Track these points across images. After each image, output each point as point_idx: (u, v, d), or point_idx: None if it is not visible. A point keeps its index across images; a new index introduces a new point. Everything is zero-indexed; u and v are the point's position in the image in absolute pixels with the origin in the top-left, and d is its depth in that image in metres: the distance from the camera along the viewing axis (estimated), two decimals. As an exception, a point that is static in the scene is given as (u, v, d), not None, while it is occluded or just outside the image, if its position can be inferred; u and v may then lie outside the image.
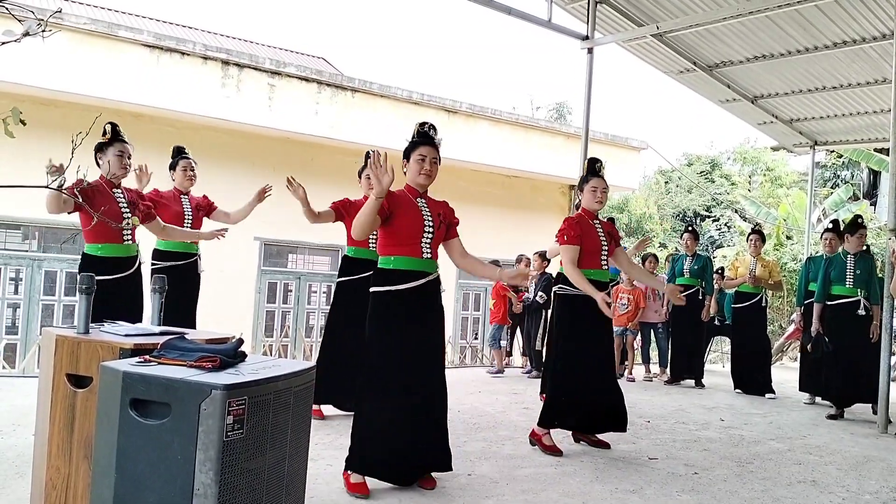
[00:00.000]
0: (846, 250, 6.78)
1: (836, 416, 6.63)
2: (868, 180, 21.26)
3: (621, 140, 14.15)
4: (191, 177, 5.47)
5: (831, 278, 6.78)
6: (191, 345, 2.51)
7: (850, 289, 6.64)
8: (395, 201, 3.63)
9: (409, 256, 3.63)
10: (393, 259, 3.64)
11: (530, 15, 8.49)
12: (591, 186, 4.77)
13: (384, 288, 3.62)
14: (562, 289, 4.78)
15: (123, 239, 4.35)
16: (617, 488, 3.93)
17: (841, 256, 6.80)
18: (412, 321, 3.62)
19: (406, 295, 3.61)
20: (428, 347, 3.70)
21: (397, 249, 3.64)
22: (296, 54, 18.83)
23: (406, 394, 3.59)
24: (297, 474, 2.55)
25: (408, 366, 3.60)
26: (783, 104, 10.61)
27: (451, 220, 3.87)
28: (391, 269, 3.64)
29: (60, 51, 8.87)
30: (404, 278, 3.61)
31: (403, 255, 3.63)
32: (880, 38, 8.05)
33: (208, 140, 10.43)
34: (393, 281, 3.61)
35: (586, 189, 4.80)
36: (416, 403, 3.62)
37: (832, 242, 7.27)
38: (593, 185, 4.77)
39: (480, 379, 8.07)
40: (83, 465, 2.64)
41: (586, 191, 4.80)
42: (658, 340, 9.08)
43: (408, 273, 3.61)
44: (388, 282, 3.62)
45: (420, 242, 3.65)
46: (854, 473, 4.57)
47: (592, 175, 4.80)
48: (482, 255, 4.39)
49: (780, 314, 14.41)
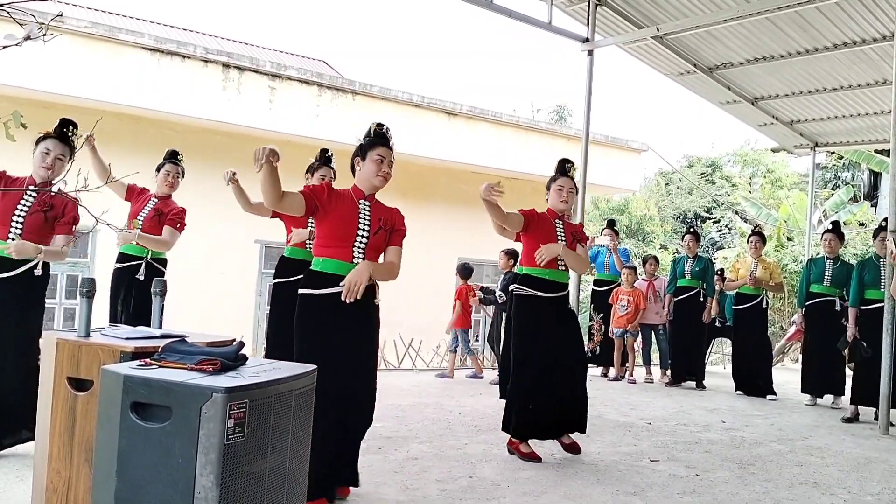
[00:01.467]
0: (878, 254, 6.67)
1: (852, 419, 6.60)
2: (869, 181, 21.24)
3: (622, 142, 14.14)
4: (171, 183, 5.28)
5: (865, 282, 6.66)
6: (192, 348, 2.51)
7: (883, 292, 6.41)
8: (334, 199, 3.48)
9: (337, 260, 3.44)
10: (322, 261, 3.47)
11: (531, 17, 8.50)
12: (557, 185, 4.68)
13: (308, 291, 3.46)
14: (518, 289, 4.59)
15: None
16: (618, 490, 3.93)
17: (874, 260, 6.72)
18: (332, 327, 3.40)
19: (327, 300, 3.40)
20: (350, 355, 3.43)
21: (326, 251, 3.48)
22: (296, 57, 18.83)
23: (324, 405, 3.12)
24: (299, 477, 2.55)
25: (326, 374, 3.07)
26: (783, 106, 10.61)
27: (397, 226, 3.65)
28: (318, 272, 3.47)
29: (61, 54, 8.87)
30: (328, 282, 3.41)
31: (331, 258, 3.45)
32: (881, 40, 8.06)
33: (209, 143, 10.43)
34: (317, 284, 3.44)
35: (553, 188, 4.71)
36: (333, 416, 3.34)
37: (832, 243, 7.30)
38: (559, 185, 4.68)
39: (481, 382, 8.07)
40: (84, 468, 2.64)
41: (553, 190, 4.71)
42: (659, 342, 9.07)
43: (332, 277, 3.40)
44: (312, 284, 3.46)
45: (352, 246, 3.45)
46: (855, 475, 4.57)
47: (561, 174, 4.72)
48: (485, 257, 4.42)
49: (781, 316, 14.39)
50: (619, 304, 8.64)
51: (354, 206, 3.53)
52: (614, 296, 8.69)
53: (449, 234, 12.32)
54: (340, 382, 3.35)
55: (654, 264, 9.26)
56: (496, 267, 13.74)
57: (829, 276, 7.28)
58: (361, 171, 3.58)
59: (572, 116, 30.72)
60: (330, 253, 3.46)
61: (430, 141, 11.51)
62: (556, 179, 4.73)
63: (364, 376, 3.54)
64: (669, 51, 9.21)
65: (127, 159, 4.57)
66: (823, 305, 7.29)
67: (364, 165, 3.57)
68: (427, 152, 11.44)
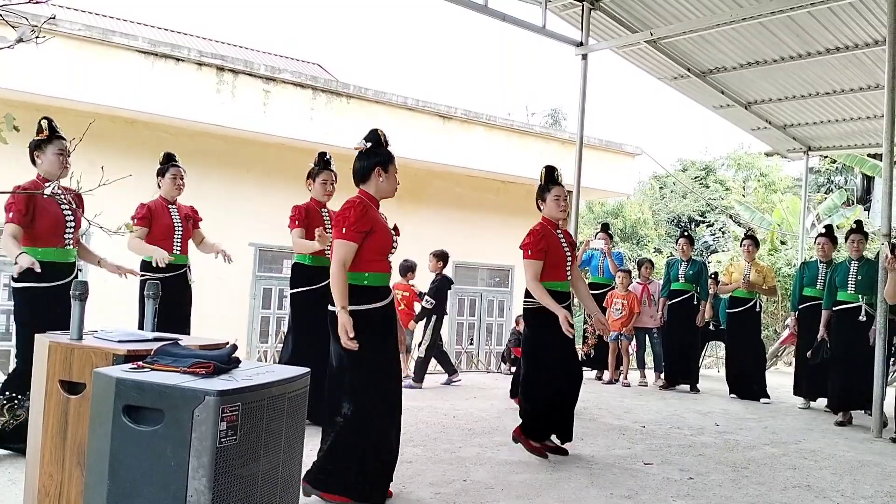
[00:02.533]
0: (850, 257, 6.82)
1: (845, 423, 6.62)
2: (862, 185, 21.35)
3: (616, 146, 14.18)
4: (179, 185, 5.24)
5: (836, 284, 6.81)
6: (184, 351, 2.50)
7: (852, 294, 6.62)
8: (370, 219, 3.52)
9: (384, 273, 3.63)
10: (370, 276, 3.55)
11: (525, 21, 8.53)
12: (553, 195, 4.69)
13: (364, 307, 3.52)
14: (528, 303, 4.67)
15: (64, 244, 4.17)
16: (612, 494, 3.93)
17: (846, 263, 6.82)
18: (387, 338, 3.62)
19: (381, 312, 3.58)
20: (398, 363, 3.70)
21: (373, 265, 3.57)
22: (291, 60, 18.84)
23: (392, 412, 3.69)
24: (292, 481, 2.54)
25: (394, 380, 3.68)
26: (777, 110, 10.65)
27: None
28: (369, 287, 3.56)
29: (55, 57, 8.86)
30: (381, 295, 3.62)
31: (379, 272, 3.60)
32: (873, 45, 8.10)
33: (203, 146, 10.42)
34: (371, 299, 3.56)
35: (549, 198, 4.71)
36: None
37: (825, 247, 7.35)
38: (556, 194, 4.69)
39: (476, 384, 8.06)
40: (76, 471, 2.63)
41: (549, 200, 4.71)
42: (653, 346, 9.08)
43: (383, 290, 3.64)
44: (367, 299, 3.55)
45: (388, 255, 3.66)
46: (849, 478, 4.58)
47: (553, 183, 4.72)
48: (478, 260, 4.42)
49: (775, 319, 14.43)
50: (614, 307, 8.65)
51: (381, 218, 3.66)
52: (609, 299, 8.70)
53: (443, 237, 12.31)
54: (399, 388, 3.67)
55: (649, 268, 9.28)
56: (490, 270, 13.78)
57: (823, 280, 7.31)
58: (383, 182, 3.65)
59: (567, 120, 30.83)
60: (377, 267, 3.57)
61: (424, 144, 11.52)
62: (551, 189, 4.73)
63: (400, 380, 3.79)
64: (663, 55, 9.24)
65: (121, 162, 4.58)
66: (816, 309, 7.31)
67: (387, 178, 3.65)
68: (421, 156, 11.45)
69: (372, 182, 3.64)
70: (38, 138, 4.12)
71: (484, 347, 13.66)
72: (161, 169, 5.27)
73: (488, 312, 13.86)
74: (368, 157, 3.64)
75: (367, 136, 3.68)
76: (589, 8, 8.66)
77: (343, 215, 3.50)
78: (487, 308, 13.84)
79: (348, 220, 3.47)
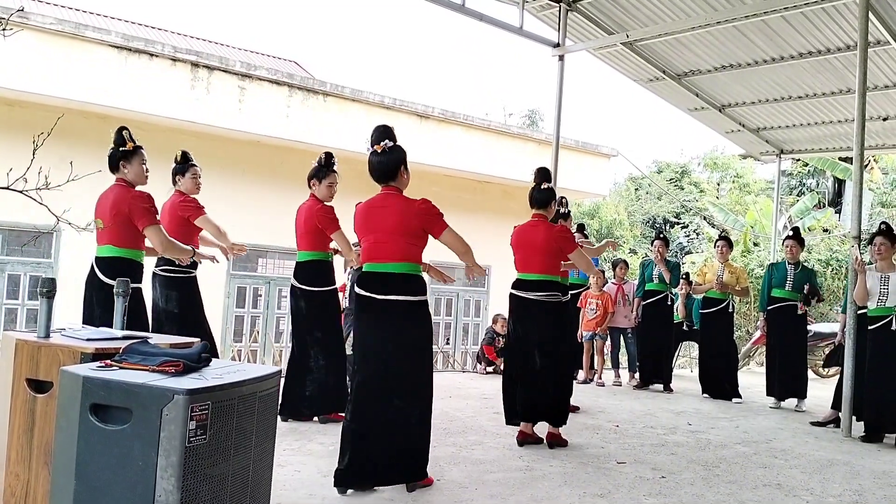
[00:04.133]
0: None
1: (823, 423, 6.68)
2: (833, 188, 21.66)
3: (592, 147, 14.26)
4: (199, 184, 5.51)
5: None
6: (153, 349, 2.47)
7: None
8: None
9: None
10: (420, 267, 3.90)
11: (502, 22, 8.54)
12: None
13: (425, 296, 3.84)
14: (555, 296, 5.00)
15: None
16: (585, 492, 3.94)
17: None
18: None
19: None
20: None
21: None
22: (267, 57, 18.71)
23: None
24: (262, 480, 2.52)
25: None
26: (750, 113, 10.77)
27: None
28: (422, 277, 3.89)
29: (26, 51, 8.72)
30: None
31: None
32: (844, 49, 8.22)
33: (177, 143, 10.18)
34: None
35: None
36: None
37: (793, 249, 7.48)
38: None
39: (451, 384, 8.06)
40: (43, 471, 2.59)
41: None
42: (627, 345, 9.14)
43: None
44: (424, 291, 3.85)
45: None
46: (818, 477, 4.64)
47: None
48: (454, 260, 4.39)
49: (748, 320, 14.59)
50: (588, 307, 8.69)
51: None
52: (583, 299, 8.74)
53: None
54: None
55: (624, 268, 9.33)
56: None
57: (791, 281, 7.43)
58: (407, 179, 3.91)
59: (544, 121, 30.95)
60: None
61: (401, 143, 11.49)
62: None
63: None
64: (639, 57, 9.31)
65: (92, 158, 4.50)
66: (784, 310, 7.43)
67: (408, 176, 3.91)
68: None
69: (400, 178, 3.85)
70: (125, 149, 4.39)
71: (460, 347, 13.67)
72: (180, 168, 5.43)
73: (465, 312, 13.88)
74: (394, 154, 3.81)
75: (381, 134, 3.81)
76: (566, 9, 8.69)
77: (435, 210, 3.81)
78: (464, 308, 13.85)
79: (438, 211, 3.82)
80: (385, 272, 3.72)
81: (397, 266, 3.72)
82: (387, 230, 3.73)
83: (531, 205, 5.11)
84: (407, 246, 3.72)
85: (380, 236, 3.75)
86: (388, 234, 3.72)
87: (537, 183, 5.08)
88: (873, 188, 19.04)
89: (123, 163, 4.36)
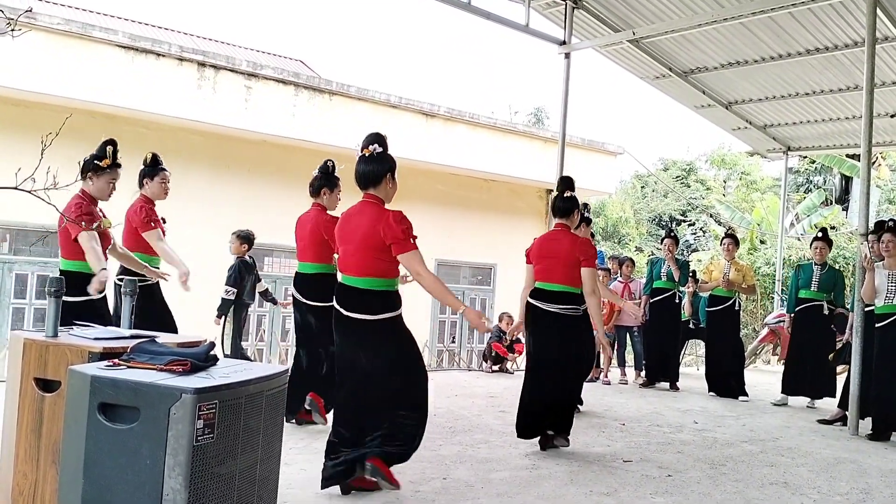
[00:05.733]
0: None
1: (830, 421, 6.64)
2: (840, 185, 21.57)
3: (598, 145, 14.23)
4: (167, 189, 5.25)
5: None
6: (161, 348, 2.48)
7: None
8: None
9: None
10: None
11: (508, 20, 8.53)
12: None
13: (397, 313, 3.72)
14: (574, 308, 4.85)
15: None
16: (591, 491, 3.94)
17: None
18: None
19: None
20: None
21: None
22: (273, 56, 18.72)
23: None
24: (269, 479, 2.53)
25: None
26: (757, 110, 10.73)
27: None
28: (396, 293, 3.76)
29: (34, 51, 8.75)
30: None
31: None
32: (852, 46, 8.18)
33: (184, 142, 10.34)
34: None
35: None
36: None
37: (822, 251, 7.43)
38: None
39: (457, 382, 8.07)
40: (51, 470, 2.60)
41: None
42: (633, 344, 9.12)
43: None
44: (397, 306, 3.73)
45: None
46: (825, 475, 4.63)
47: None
48: (460, 258, 4.41)
49: (754, 318, 14.56)
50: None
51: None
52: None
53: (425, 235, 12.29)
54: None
55: (630, 266, 9.31)
56: (473, 268, 13.78)
57: (817, 282, 7.39)
58: (392, 188, 3.70)
59: (550, 119, 30.84)
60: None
61: (407, 142, 11.49)
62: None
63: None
64: (645, 54, 9.28)
65: (99, 158, 4.51)
66: (811, 310, 7.38)
67: (394, 184, 3.70)
68: (404, 153, 11.37)
69: (383, 187, 3.63)
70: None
71: (466, 345, 13.67)
72: (149, 171, 5.20)
73: (470, 310, 13.84)
74: (381, 163, 3.61)
75: (372, 139, 3.62)
76: (572, 7, 8.67)
77: (404, 226, 3.50)
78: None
79: (410, 229, 3.52)
80: (348, 286, 3.59)
81: (359, 281, 3.54)
82: (356, 241, 3.56)
83: (554, 214, 5.01)
84: (374, 260, 3.52)
85: (348, 248, 3.61)
86: (356, 245, 3.56)
87: (560, 192, 4.97)
88: (881, 185, 18.98)
89: (91, 175, 4.33)
